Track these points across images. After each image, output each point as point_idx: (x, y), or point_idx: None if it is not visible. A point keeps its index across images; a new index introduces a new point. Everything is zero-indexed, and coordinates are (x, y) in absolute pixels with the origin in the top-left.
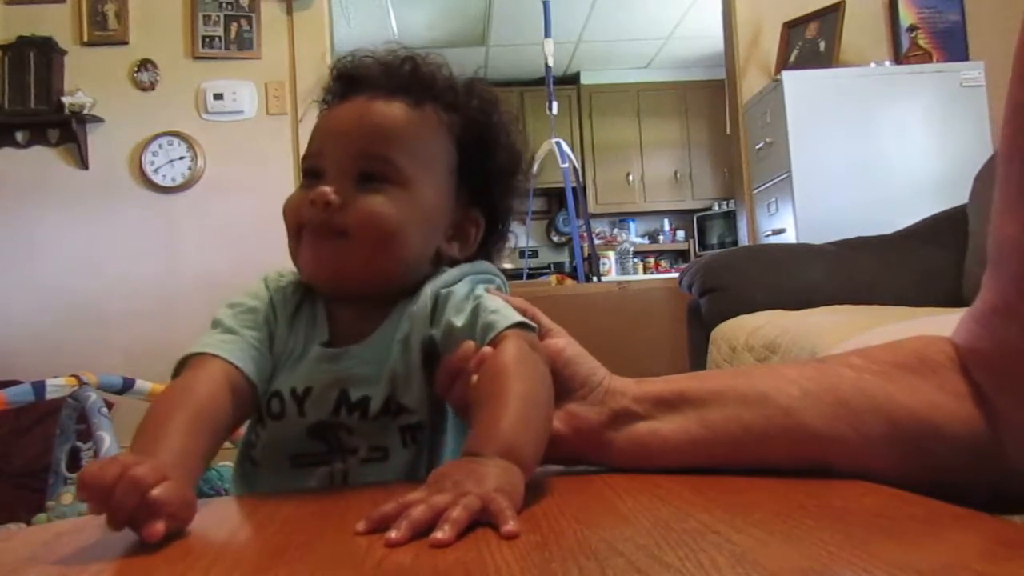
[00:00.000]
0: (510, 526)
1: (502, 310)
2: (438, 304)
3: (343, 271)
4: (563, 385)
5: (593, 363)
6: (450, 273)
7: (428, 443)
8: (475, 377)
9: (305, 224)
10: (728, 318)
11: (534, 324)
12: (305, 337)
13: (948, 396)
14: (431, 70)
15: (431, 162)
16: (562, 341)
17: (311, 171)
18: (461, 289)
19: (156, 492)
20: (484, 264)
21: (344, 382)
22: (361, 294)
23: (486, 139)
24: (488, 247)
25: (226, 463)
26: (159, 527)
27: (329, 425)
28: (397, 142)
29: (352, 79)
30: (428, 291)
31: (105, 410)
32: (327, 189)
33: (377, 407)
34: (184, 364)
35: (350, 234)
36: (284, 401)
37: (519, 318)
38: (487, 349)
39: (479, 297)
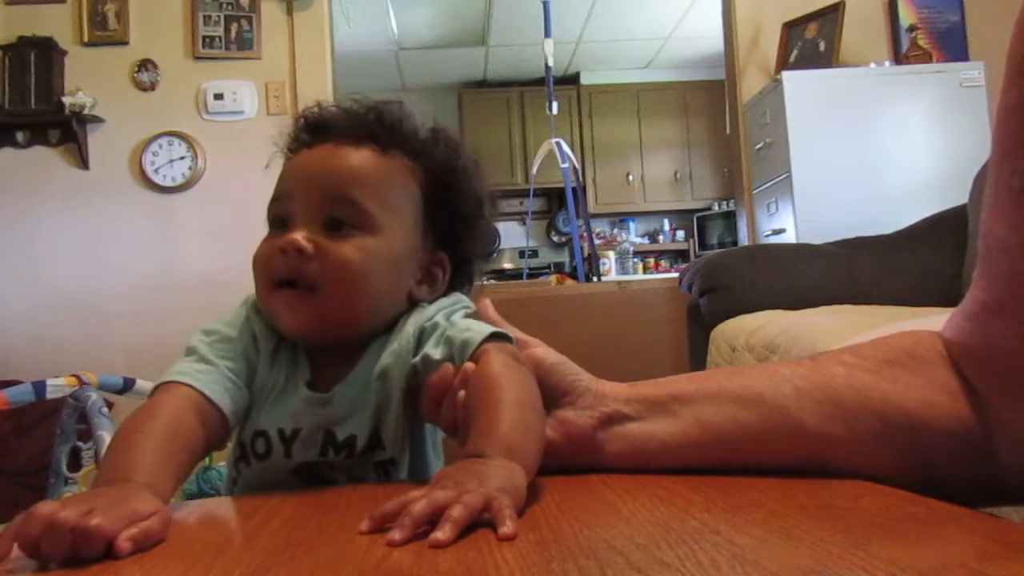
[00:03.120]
0: (507, 528)
1: (474, 327)
2: (422, 338)
3: (320, 326)
4: (548, 394)
5: (575, 369)
6: (431, 308)
7: (402, 477)
8: (462, 393)
9: (277, 279)
10: (728, 318)
11: (511, 335)
12: (287, 374)
13: (939, 392)
14: (396, 118)
15: (399, 207)
16: (540, 350)
17: (278, 219)
18: (440, 320)
19: (94, 522)
20: (459, 296)
21: (330, 423)
22: (339, 342)
23: (451, 185)
24: (454, 288)
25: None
26: (123, 545)
27: (314, 464)
28: (367, 187)
29: (318, 127)
30: (411, 328)
31: (105, 410)
32: (297, 236)
33: (363, 444)
34: (158, 390)
35: (321, 288)
36: (270, 441)
37: (493, 329)
38: (469, 365)
39: (451, 323)
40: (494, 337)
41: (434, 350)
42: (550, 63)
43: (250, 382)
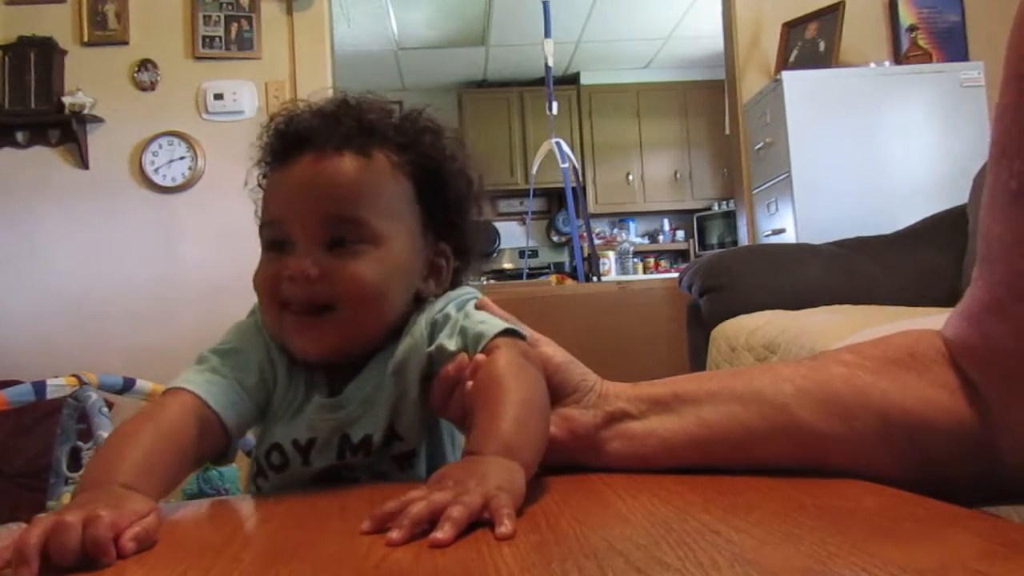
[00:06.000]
0: (506, 528)
1: (488, 320)
2: (435, 329)
3: (337, 344)
4: (555, 391)
5: (582, 368)
6: (439, 301)
7: (422, 468)
8: (470, 383)
9: (286, 301)
10: (728, 318)
11: (523, 331)
12: (305, 388)
13: (940, 391)
14: (372, 113)
15: (396, 210)
16: (549, 348)
17: (275, 241)
18: (451, 311)
19: (103, 512)
20: (465, 288)
21: (344, 426)
22: (354, 357)
23: (439, 170)
24: (459, 276)
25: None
26: (127, 545)
27: (334, 468)
28: (362, 200)
29: (293, 136)
30: (423, 321)
31: (106, 410)
32: (304, 264)
33: (379, 442)
34: (164, 395)
35: (339, 306)
36: (286, 453)
37: (507, 324)
38: (480, 356)
39: (466, 315)
40: (508, 333)
41: (448, 340)
42: (550, 63)
43: (262, 396)
